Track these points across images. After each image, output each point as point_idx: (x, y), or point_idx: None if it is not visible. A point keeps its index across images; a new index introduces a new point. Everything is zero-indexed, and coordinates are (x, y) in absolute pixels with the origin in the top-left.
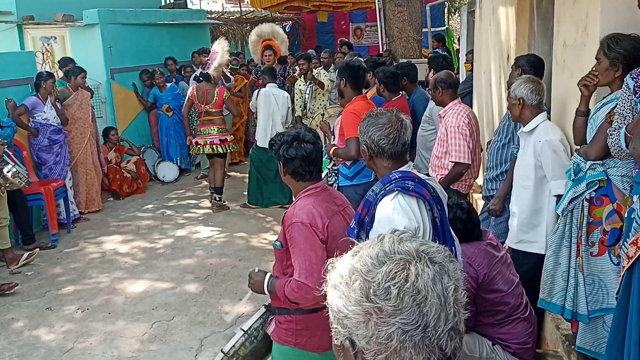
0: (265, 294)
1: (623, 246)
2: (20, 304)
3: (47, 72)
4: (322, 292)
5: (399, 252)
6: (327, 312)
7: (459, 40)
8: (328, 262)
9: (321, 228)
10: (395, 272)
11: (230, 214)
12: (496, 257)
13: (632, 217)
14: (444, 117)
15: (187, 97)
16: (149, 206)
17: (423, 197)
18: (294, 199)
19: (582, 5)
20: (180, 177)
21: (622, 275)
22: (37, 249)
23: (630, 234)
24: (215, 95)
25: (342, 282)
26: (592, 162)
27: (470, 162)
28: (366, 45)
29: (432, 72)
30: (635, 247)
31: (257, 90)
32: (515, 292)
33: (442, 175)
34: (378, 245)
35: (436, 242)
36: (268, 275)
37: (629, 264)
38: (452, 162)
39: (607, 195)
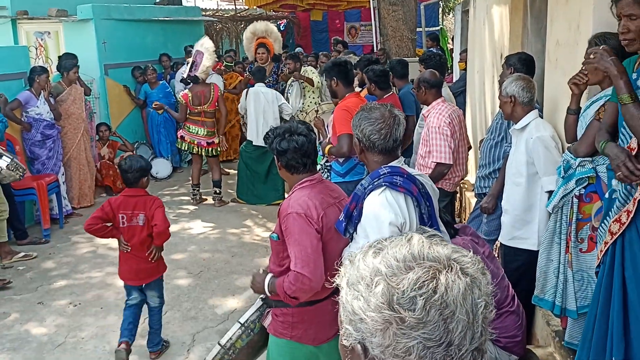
0: (267, 294)
1: (602, 224)
2: (12, 298)
3: (40, 66)
4: (334, 286)
5: (429, 258)
6: (325, 304)
7: (452, 40)
8: (344, 255)
9: (316, 219)
10: (424, 281)
11: (223, 210)
12: (479, 251)
13: (613, 197)
14: (427, 116)
15: (181, 103)
16: None
17: (411, 192)
18: (286, 195)
19: (574, 3)
20: (174, 173)
21: (604, 250)
22: (36, 255)
23: (610, 212)
24: (212, 94)
25: (361, 282)
26: (581, 159)
27: (451, 162)
28: (361, 44)
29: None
30: (619, 223)
31: (247, 90)
32: (500, 285)
33: (426, 174)
34: (406, 246)
35: None
36: (269, 276)
37: (613, 239)
38: (434, 162)
39: (596, 191)
